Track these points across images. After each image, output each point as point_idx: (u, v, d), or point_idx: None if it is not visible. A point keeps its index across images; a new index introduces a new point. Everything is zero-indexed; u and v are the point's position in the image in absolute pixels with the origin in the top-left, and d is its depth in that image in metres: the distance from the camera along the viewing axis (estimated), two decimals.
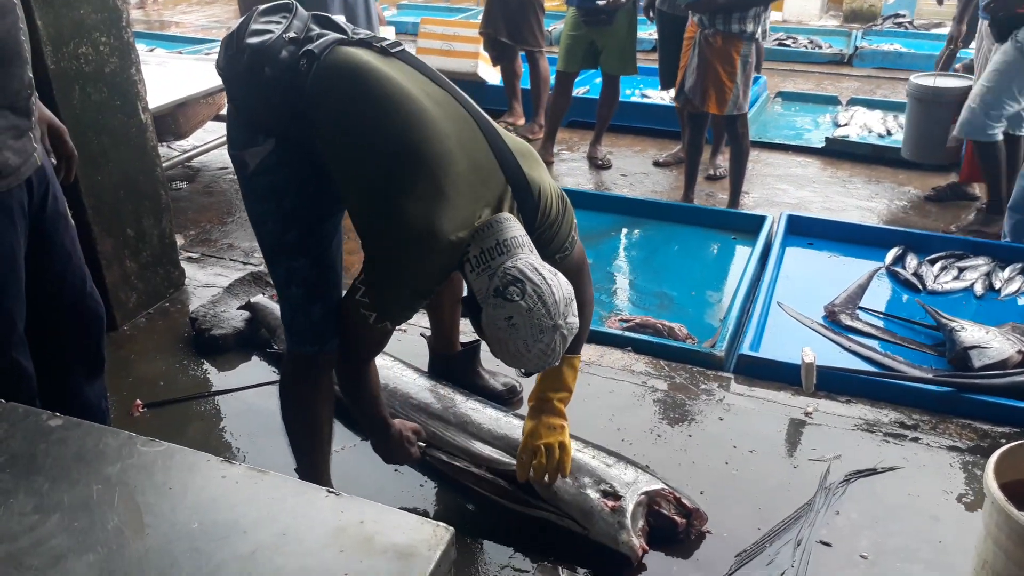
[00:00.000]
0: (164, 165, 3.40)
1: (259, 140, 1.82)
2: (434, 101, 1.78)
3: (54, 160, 2.01)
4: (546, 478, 2.08)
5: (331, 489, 1.07)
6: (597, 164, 5.21)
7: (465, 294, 1.82)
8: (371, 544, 0.97)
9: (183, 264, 3.54)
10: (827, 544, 2.13)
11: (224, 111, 4.24)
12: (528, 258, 1.69)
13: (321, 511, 1.03)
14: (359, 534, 0.99)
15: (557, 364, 2.11)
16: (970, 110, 4.04)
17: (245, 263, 3.75)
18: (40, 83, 2.28)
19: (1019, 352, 2.79)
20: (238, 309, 3.13)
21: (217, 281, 3.49)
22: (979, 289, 3.48)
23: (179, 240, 3.79)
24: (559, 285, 1.67)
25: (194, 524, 1.00)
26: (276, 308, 3.05)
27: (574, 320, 1.70)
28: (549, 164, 5.17)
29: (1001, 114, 3.97)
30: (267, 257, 1.95)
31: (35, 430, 1.15)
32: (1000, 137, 4.03)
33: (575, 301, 1.71)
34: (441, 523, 1.01)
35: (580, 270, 2.08)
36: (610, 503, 2.08)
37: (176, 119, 4.93)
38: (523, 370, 1.75)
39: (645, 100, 6.12)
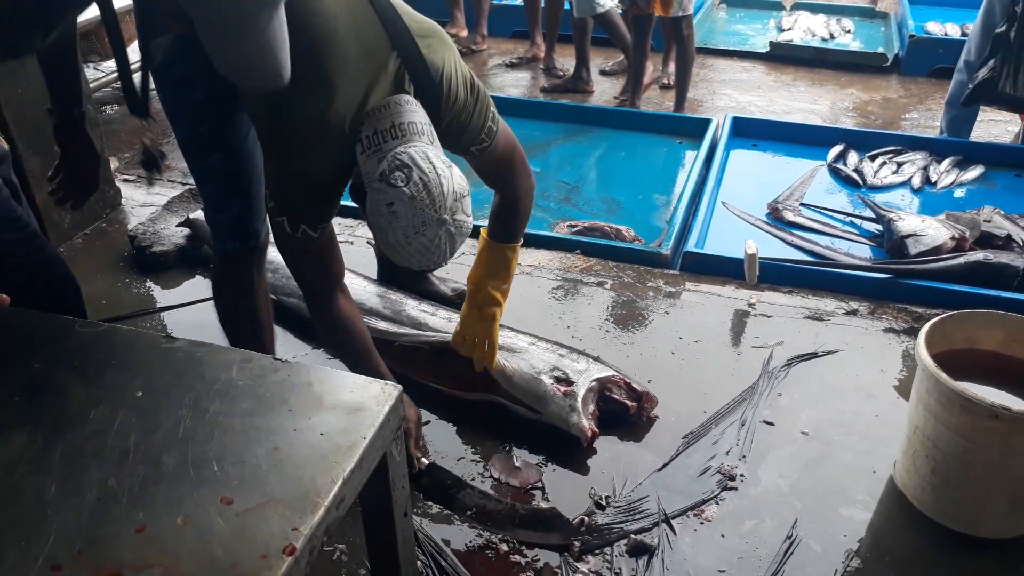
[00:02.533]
0: (92, 87, 3.24)
1: (160, 30, 1.71)
2: None
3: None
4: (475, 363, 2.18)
5: (277, 357, 1.07)
6: (557, 75, 5.13)
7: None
8: (320, 402, 0.98)
9: (119, 185, 3.43)
10: (770, 423, 2.21)
11: None
12: (423, 147, 1.60)
13: (268, 375, 1.03)
14: (308, 394, 0.99)
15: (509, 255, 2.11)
16: None
17: (184, 183, 3.65)
18: None
19: (953, 238, 2.88)
20: (178, 226, 3.06)
21: (155, 200, 3.40)
22: (917, 182, 3.57)
23: (113, 163, 3.66)
24: (451, 178, 1.57)
25: (138, 392, 1.00)
26: None
27: (464, 218, 1.61)
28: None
29: None
30: (185, 156, 1.88)
31: None
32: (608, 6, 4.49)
33: (468, 199, 1.63)
34: (390, 382, 1.02)
35: (510, 160, 2.04)
36: (563, 388, 2.12)
37: (101, 38, 4.70)
38: (409, 266, 1.67)
39: None
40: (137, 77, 1.73)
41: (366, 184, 1.63)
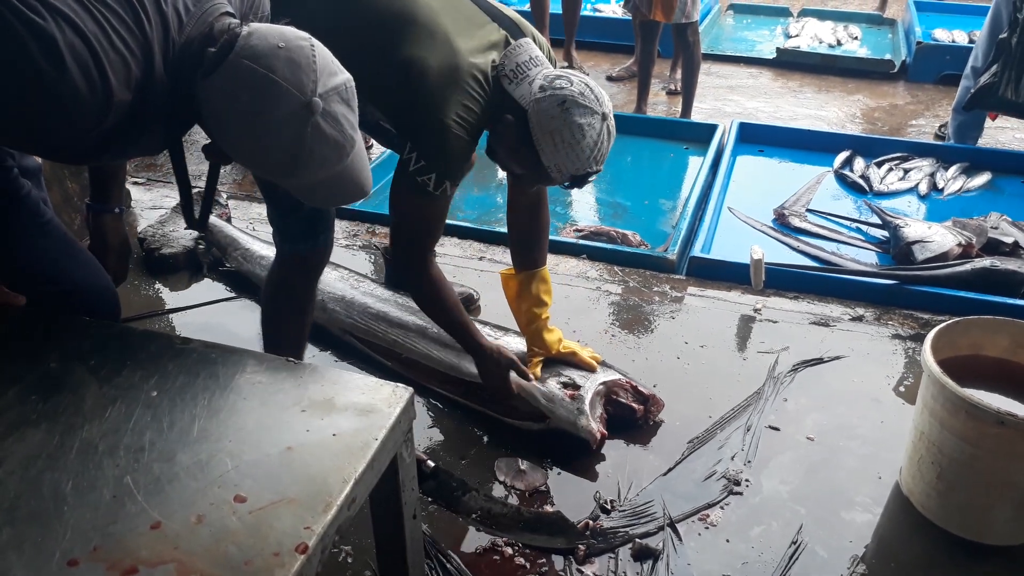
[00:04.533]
0: None
1: None
2: None
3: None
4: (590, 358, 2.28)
5: (291, 358, 1.08)
6: None
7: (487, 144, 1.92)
8: (332, 404, 0.99)
9: (128, 187, 3.45)
10: (775, 428, 2.22)
11: None
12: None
13: (281, 376, 1.04)
14: (320, 395, 1.01)
15: (541, 267, 2.20)
16: None
17: (193, 186, 3.66)
18: None
19: (959, 245, 2.89)
20: (187, 228, 3.07)
21: (164, 203, 3.42)
22: (923, 189, 3.58)
23: None
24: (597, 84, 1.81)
25: (152, 392, 1.01)
26: (226, 227, 3.02)
27: (614, 121, 1.83)
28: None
29: None
30: None
31: None
32: None
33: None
34: (400, 384, 1.03)
35: None
36: (570, 392, 2.13)
37: None
38: (579, 171, 1.79)
39: (597, 14, 6.04)
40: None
41: (526, 104, 1.78)
